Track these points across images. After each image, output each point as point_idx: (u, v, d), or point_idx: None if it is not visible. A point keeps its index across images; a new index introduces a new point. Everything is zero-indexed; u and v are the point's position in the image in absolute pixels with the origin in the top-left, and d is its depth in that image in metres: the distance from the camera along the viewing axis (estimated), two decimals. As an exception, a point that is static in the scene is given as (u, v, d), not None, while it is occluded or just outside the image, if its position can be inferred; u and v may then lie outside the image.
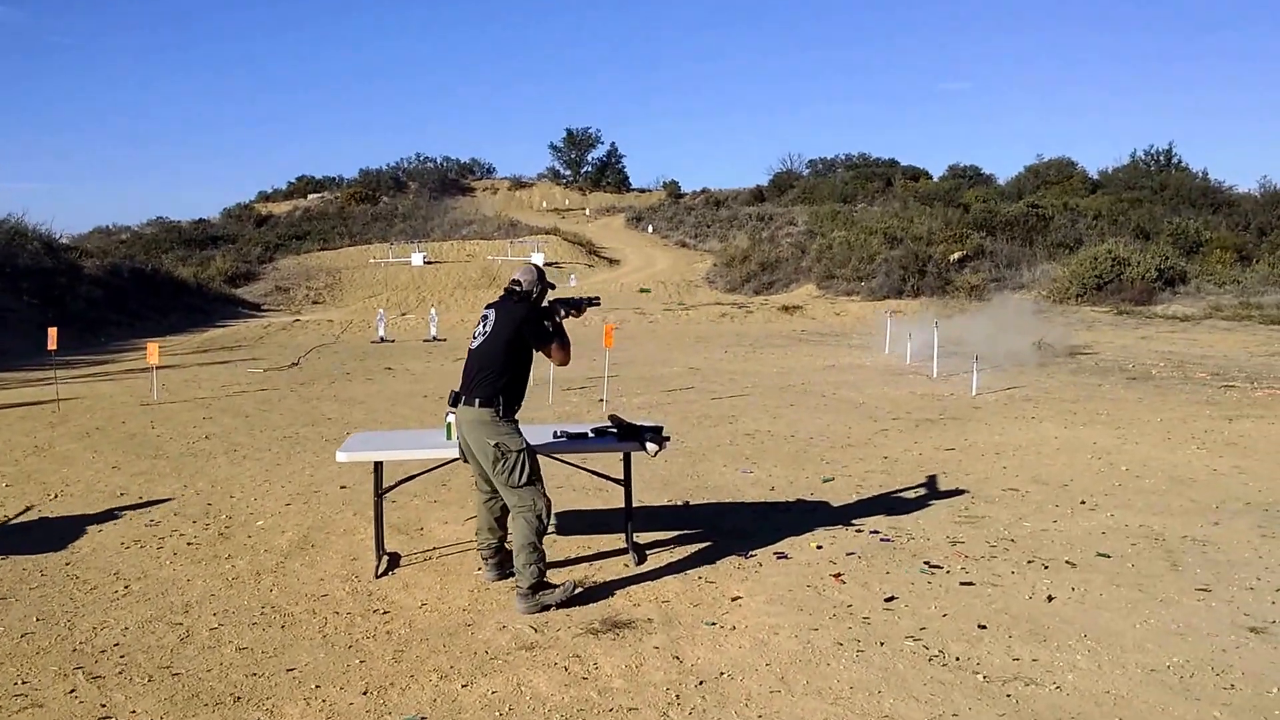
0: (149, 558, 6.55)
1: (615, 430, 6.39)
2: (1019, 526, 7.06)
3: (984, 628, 5.12)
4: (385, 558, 6.44)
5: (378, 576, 6.10)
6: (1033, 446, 9.92)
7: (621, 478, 6.60)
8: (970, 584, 5.81)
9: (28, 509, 7.86)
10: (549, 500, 5.64)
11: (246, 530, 7.20)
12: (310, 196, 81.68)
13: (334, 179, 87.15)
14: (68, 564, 6.43)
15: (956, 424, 11.26)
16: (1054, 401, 12.86)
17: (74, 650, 4.94)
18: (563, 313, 6.13)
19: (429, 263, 47.95)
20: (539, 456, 5.73)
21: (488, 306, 5.82)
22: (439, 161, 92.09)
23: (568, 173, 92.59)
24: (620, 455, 6.73)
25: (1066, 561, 6.24)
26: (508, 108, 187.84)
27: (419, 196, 79.67)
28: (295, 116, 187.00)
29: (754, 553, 6.46)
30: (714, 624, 5.22)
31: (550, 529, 6.24)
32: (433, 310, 27.65)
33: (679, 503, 7.90)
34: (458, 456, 5.80)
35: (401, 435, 7.31)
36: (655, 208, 73.96)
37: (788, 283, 37.98)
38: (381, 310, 27.43)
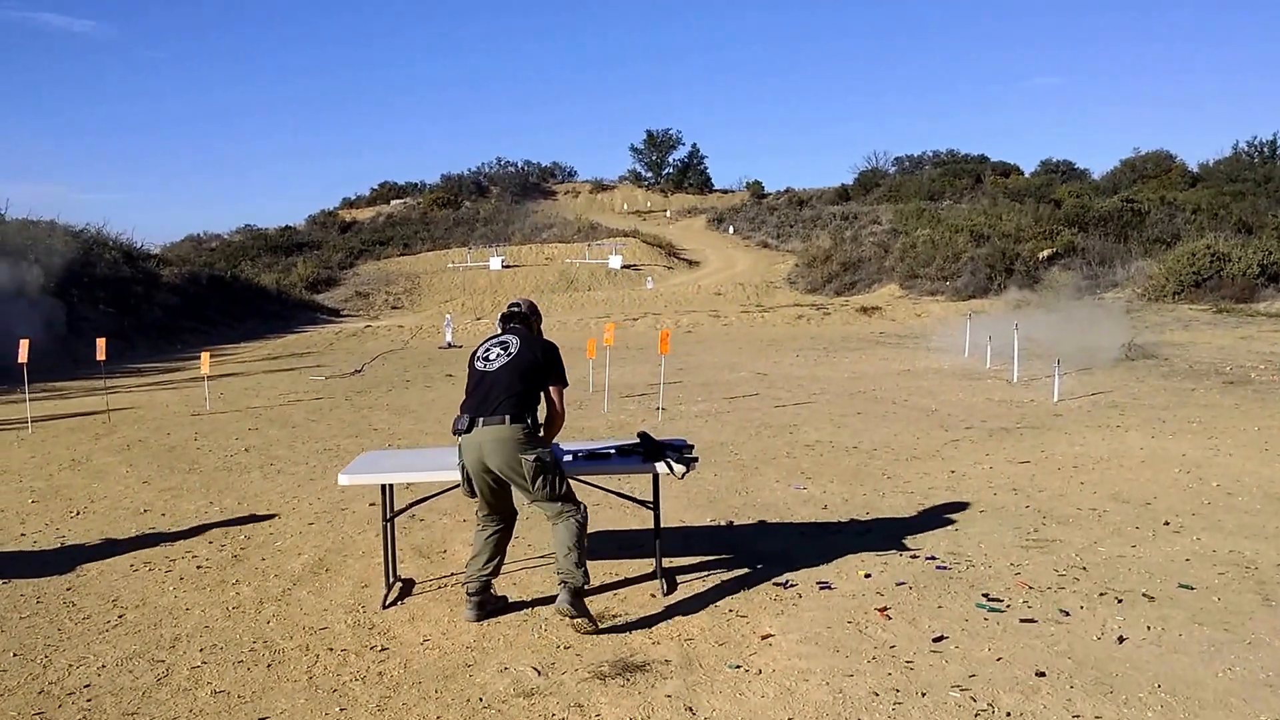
0: (153, 583, 6.22)
1: (642, 449, 5.87)
2: (1092, 552, 6.38)
3: (1042, 675, 4.51)
4: (398, 584, 6.05)
5: (385, 607, 5.68)
6: (1115, 459, 9.16)
7: (650, 499, 6.03)
8: (1031, 621, 5.18)
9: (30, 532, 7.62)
10: (584, 506, 5.37)
11: (262, 552, 6.85)
12: (393, 202, 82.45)
13: (416, 185, 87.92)
14: (68, 589, 6.13)
15: (1034, 434, 10.52)
16: (1142, 408, 12.01)
17: (41, 692, 4.58)
18: None
19: (507, 266, 47.90)
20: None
21: (496, 337, 5.54)
22: (520, 165, 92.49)
23: (649, 175, 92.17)
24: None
25: (1143, 594, 5.57)
26: (589, 110, 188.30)
27: (500, 201, 79.90)
28: (379, 123, 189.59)
29: (794, 581, 5.91)
30: (738, 667, 4.69)
31: None
32: (447, 316, 27.27)
33: (722, 522, 7.37)
34: (465, 487, 5.36)
35: (412, 455, 6.85)
36: (737, 208, 73.19)
37: (870, 283, 37.08)
38: (449, 315, 27.26)
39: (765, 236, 60.17)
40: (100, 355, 13.64)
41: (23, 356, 13.51)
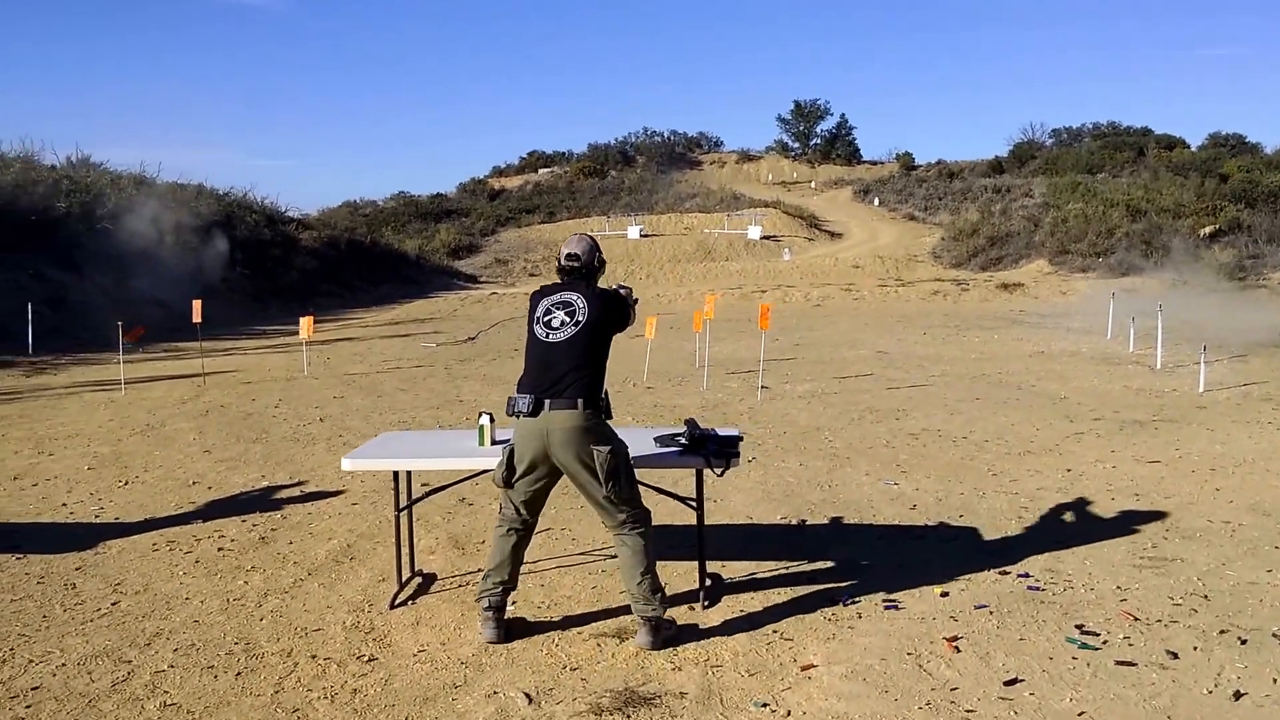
0: (166, 566, 5.84)
1: (684, 442, 5.15)
2: (1218, 576, 5.42)
3: (1131, 741, 3.68)
4: (416, 580, 5.53)
5: (392, 607, 5.14)
6: (1260, 461, 8.03)
7: (694, 497, 5.31)
8: (1130, 664, 4.31)
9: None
10: (649, 511, 4.70)
11: (293, 534, 6.43)
12: (541, 171, 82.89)
13: (564, 154, 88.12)
14: (78, 568, 5.80)
15: (1170, 428, 9.40)
16: (1303, 403, 10.70)
17: (-12, 691, 4.19)
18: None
19: (645, 235, 47.37)
20: None
21: (559, 290, 4.67)
22: (666, 135, 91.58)
23: (796, 145, 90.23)
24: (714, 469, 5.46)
25: (1274, 634, 4.62)
26: (736, 80, 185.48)
27: (646, 170, 79.46)
28: (528, 92, 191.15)
29: (858, 598, 5.15)
30: (765, 705, 3.99)
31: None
32: None
33: (792, 521, 6.62)
34: (498, 470, 4.60)
35: (432, 438, 6.20)
36: (885, 180, 70.99)
37: (1017, 258, 35.25)
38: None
39: (912, 209, 58.23)
40: (196, 318, 13.57)
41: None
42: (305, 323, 14.00)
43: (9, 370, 15.11)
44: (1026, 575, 5.46)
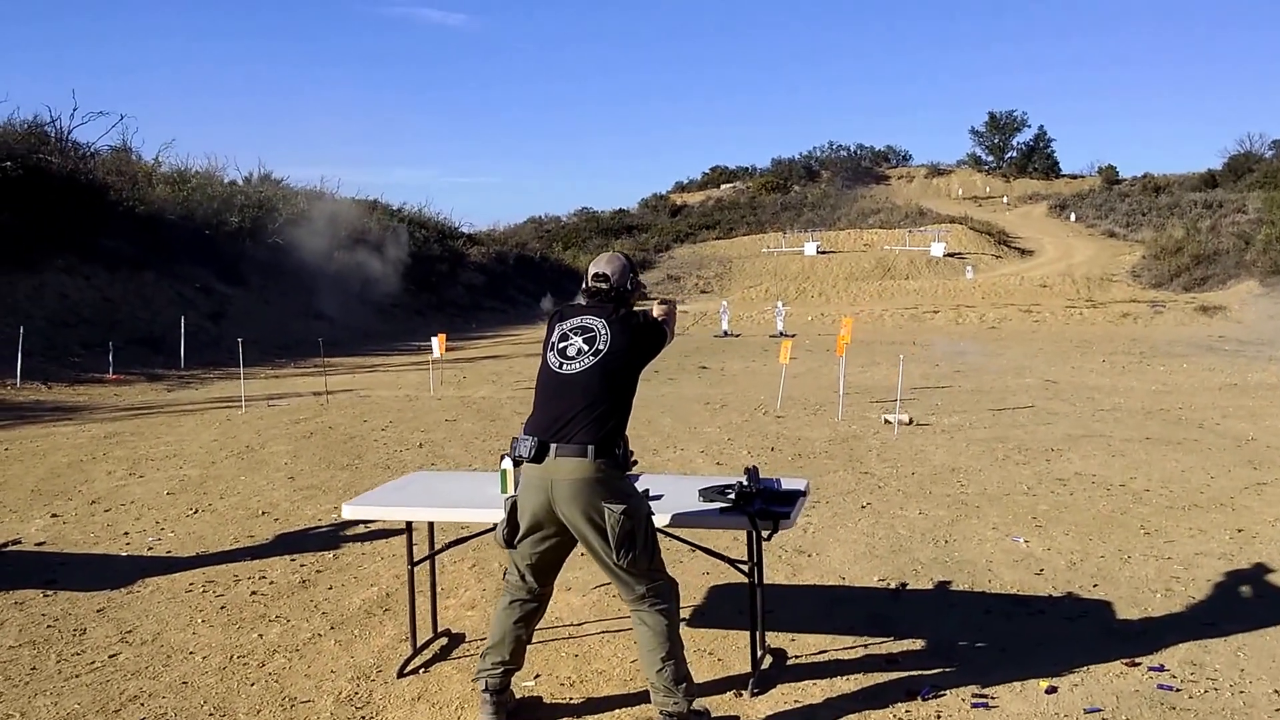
0: (190, 611, 5.39)
1: (732, 498, 4.33)
2: None
3: None
4: (442, 639, 4.92)
5: (400, 675, 4.50)
6: None
7: (745, 560, 4.48)
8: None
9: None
10: (676, 582, 3.94)
11: (336, 579, 5.91)
12: (723, 186, 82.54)
13: (747, 169, 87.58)
14: (100, 610, 5.41)
15: (1378, 482, 7.97)
16: None
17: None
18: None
19: (822, 252, 46.23)
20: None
21: (581, 314, 3.98)
22: (852, 149, 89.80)
23: (990, 159, 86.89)
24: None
25: None
26: (926, 91, 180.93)
27: (830, 185, 78.02)
28: (712, 107, 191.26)
29: (942, 690, 4.23)
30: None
31: None
32: (724, 303, 25.82)
33: (891, 584, 5.69)
34: (499, 527, 3.92)
35: (460, 481, 5.32)
36: (1084, 194, 67.55)
37: (1224, 279, 32.59)
38: (725, 302, 26.08)
39: (1112, 225, 55.18)
40: (440, 349, 13.57)
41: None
42: (439, 341, 13.73)
43: (155, 384, 15.44)
44: (1160, 669, 4.43)
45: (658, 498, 4.47)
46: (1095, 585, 5.59)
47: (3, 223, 20.49)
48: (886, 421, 10.68)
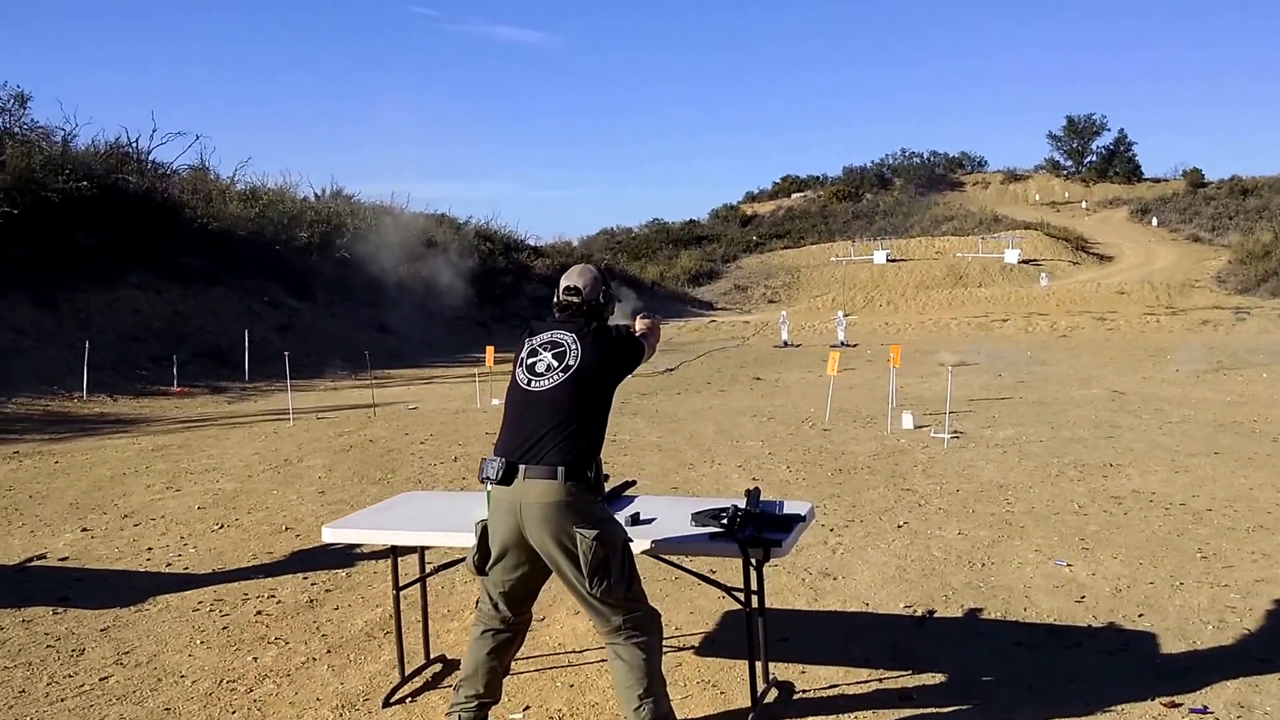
0: (192, 631, 5.28)
1: (724, 523, 4.07)
2: None
3: None
4: (436, 665, 4.74)
5: (385, 704, 4.33)
6: None
7: (742, 587, 4.19)
8: None
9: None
10: (657, 612, 3.68)
11: (342, 599, 5.76)
12: (794, 195, 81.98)
13: (818, 177, 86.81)
14: (103, 629, 5.32)
15: None
16: None
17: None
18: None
19: (892, 260, 45.54)
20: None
21: (551, 329, 3.76)
22: (925, 156, 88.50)
23: (1068, 164, 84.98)
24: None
25: None
26: (1002, 96, 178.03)
27: (902, 193, 77.10)
28: (783, 115, 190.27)
29: (958, 732, 3.95)
30: None
31: None
32: (783, 313, 25.42)
33: (917, 612, 5.38)
34: (470, 553, 3.71)
35: (448, 502, 5.02)
36: (1166, 199, 65.75)
37: (1316, 284, 31.38)
38: (785, 313, 25.71)
39: (1197, 229, 53.71)
40: (489, 362, 13.65)
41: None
42: (489, 352, 13.65)
43: (217, 396, 15.57)
44: (1203, 711, 4.08)
45: (649, 521, 4.25)
46: (1140, 615, 5.23)
47: (79, 241, 20.93)
48: (934, 437, 10.31)
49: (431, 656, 4.78)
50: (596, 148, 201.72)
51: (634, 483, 5.06)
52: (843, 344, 22.04)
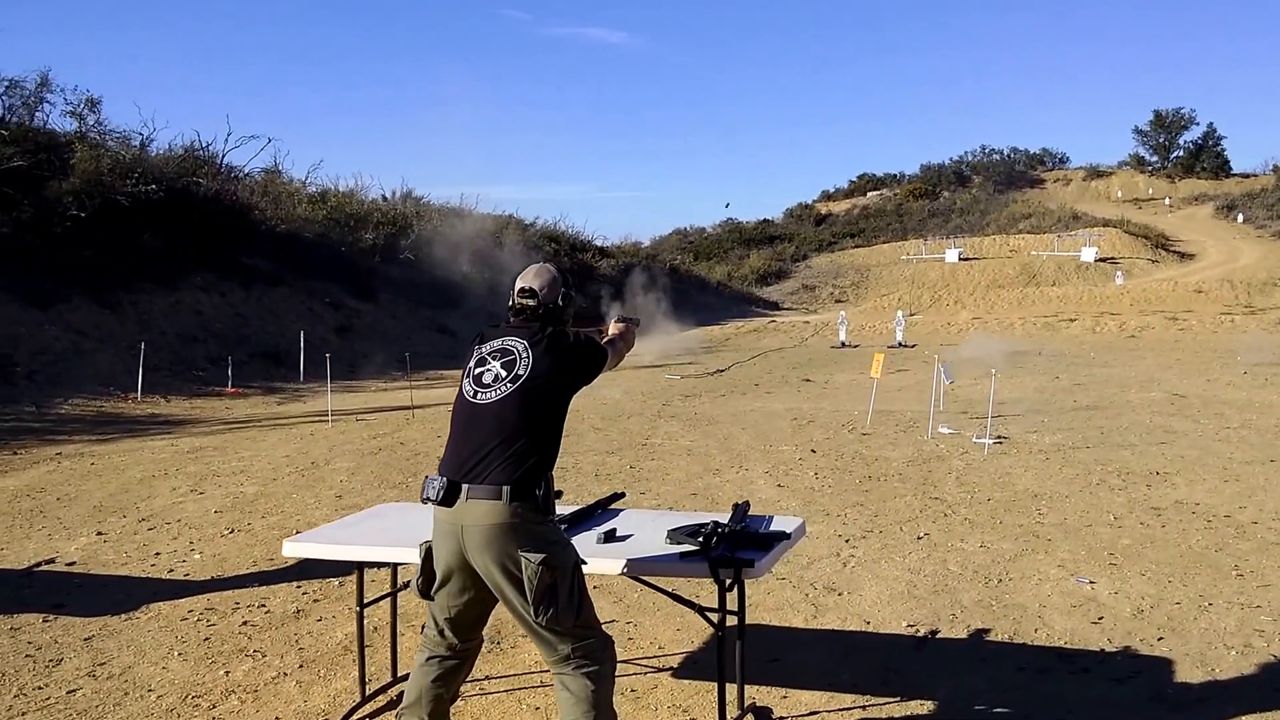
0: (174, 641, 5.17)
1: (700, 540, 3.83)
2: None
3: None
4: (401, 684, 4.55)
5: (344, 727, 4.19)
6: None
7: (717, 607, 3.93)
8: None
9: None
10: (610, 639, 3.45)
11: (327, 610, 5.64)
12: (870, 194, 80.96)
13: (895, 175, 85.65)
14: (87, 639, 5.24)
15: None
16: None
17: None
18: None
19: (964, 259, 44.66)
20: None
21: (498, 336, 3.53)
22: (1005, 153, 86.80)
23: (1154, 159, 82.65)
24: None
25: None
26: (1085, 91, 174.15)
27: (981, 190, 75.69)
28: (860, 113, 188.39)
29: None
30: None
31: None
32: (842, 314, 24.85)
33: (920, 631, 5.10)
34: (416, 577, 3.53)
35: (423, 515, 4.85)
36: (1255, 194, 63.67)
37: (1407, 281, 30.07)
38: (844, 313, 25.25)
39: (1286, 225, 51.82)
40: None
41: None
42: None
43: (269, 397, 15.66)
44: (1209, 748, 3.77)
45: (625, 538, 4.05)
46: (1160, 638, 4.89)
47: (146, 243, 21.26)
48: (975, 442, 9.94)
49: (397, 676, 4.61)
50: (676, 149, 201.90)
51: (622, 495, 4.86)
52: (900, 344, 21.58)
